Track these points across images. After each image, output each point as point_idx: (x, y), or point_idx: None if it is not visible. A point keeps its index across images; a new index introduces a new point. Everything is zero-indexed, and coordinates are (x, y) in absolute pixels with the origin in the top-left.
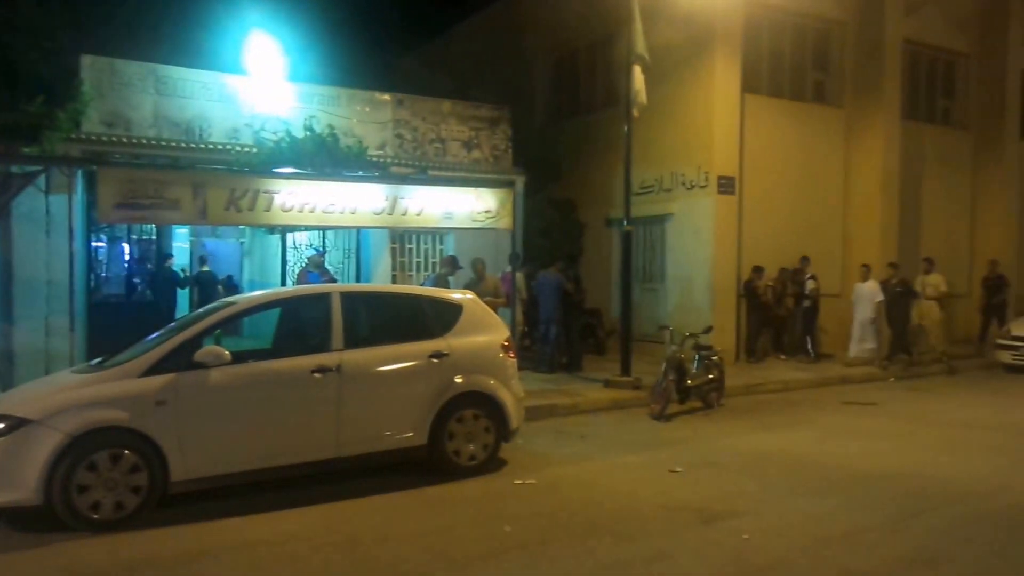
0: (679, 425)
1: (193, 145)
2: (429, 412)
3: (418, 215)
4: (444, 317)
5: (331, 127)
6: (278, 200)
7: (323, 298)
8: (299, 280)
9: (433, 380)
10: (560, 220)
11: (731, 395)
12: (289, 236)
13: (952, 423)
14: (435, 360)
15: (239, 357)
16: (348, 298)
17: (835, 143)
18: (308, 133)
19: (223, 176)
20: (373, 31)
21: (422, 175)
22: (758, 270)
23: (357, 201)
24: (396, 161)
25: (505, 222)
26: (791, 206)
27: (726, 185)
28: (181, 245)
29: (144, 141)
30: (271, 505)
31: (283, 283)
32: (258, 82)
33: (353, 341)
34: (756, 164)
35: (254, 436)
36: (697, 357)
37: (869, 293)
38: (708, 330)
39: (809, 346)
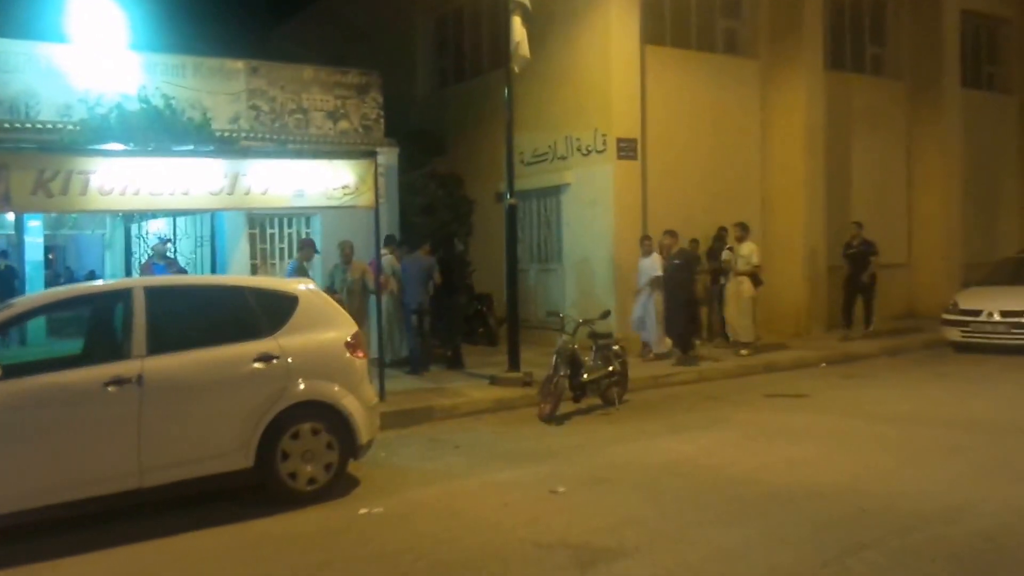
0: (572, 428)
1: (19, 124)
2: (255, 428)
3: (263, 194)
4: (275, 312)
5: (167, 97)
6: (95, 182)
7: (122, 295)
8: (143, 273)
9: (260, 389)
10: (445, 196)
11: (637, 389)
12: (141, 224)
13: (896, 417)
14: (261, 365)
15: (12, 371)
16: (154, 294)
17: (750, 98)
18: (143, 105)
19: (29, 156)
20: (240, 4)
21: (266, 148)
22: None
23: (190, 181)
24: (250, 135)
25: (366, 199)
26: (703, 170)
27: (626, 149)
28: (33, 240)
29: None
30: (54, 551)
31: (128, 277)
32: (92, 52)
33: (159, 345)
34: (661, 125)
35: (32, 467)
36: (594, 347)
37: (649, 269)
38: (605, 315)
39: (727, 330)
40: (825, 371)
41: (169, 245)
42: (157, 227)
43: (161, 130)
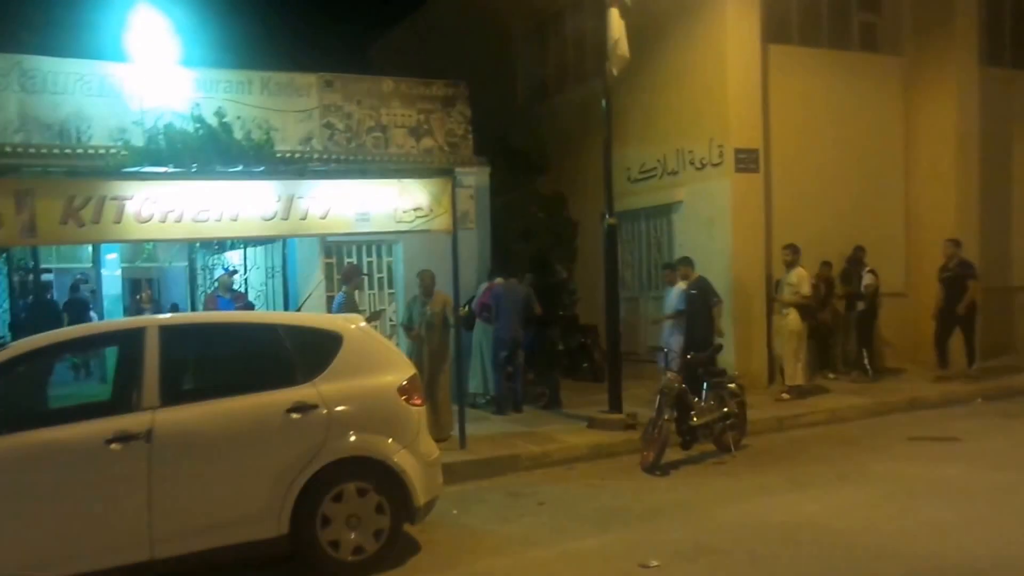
0: (678, 481)
1: (69, 150)
2: (289, 489)
3: (323, 219)
4: (315, 354)
5: (220, 115)
6: (131, 208)
7: (132, 336)
8: (206, 307)
9: (295, 444)
10: (546, 219)
11: (757, 432)
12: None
13: None
14: (297, 415)
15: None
16: (171, 334)
17: (892, 100)
18: (196, 125)
19: (56, 182)
20: (332, 20)
21: (324, 168)
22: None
23: (239, 205)
24: (322, 156)
25: (441, 222)
26: (836, 183)
27: (746, 160)
28: (110, 273)
29: (8, 149)
30: None
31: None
32: (149, 71)
33: (174, 395)
34: (787, 132)
35: (19, 539)
36: (705, 386)
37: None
38: (717, 349)
39: (866, 360)
40: (981, 408)
41: (236, 276)
42: (230, 257)
43: (214, 152)
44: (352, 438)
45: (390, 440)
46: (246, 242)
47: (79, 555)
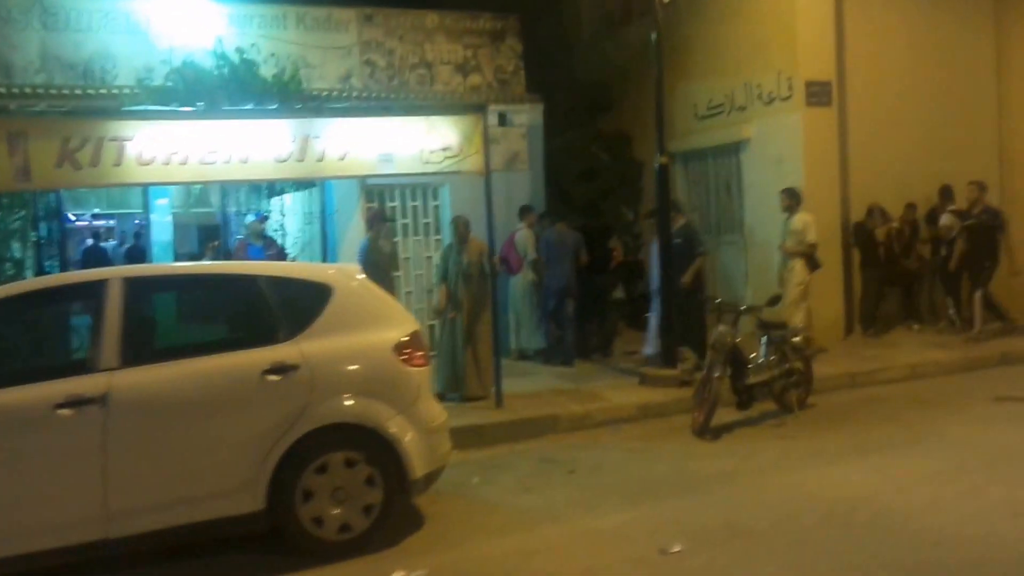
0: (728, 446)
1: (92, 91)
2: (266, 460)
3: (341, 160)
4: (299, 308)
5: (241, 51)
6: (132, 150)
7: (92, 289)
8: (235, 255)
9: (272, 409)
10: (610, 159)
11: (827, 390)
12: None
13: None
14: (275, 377)
15: None
16: (136, 286)
17: (982, 25)
18: (218, 62)
19: (51, 121)
20: None
21: (342, 105)
22: (875, 209)
23: (250, 146)
24: (364, 94)
25: (473, 162)
26: (920, 119)
27: (818, 94)
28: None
29: (29, 90)
30: None
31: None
32: (178, 5)
33: (136, 355)
34: (865, 64)
35: None
36: (764, 340)
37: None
38: (774, 301)
39: (952, 311)
40: None
41: (266, 223)
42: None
43: (235, 90)
44: (339, 403)
45: (383, 405)
46: (296, 185)
47: (19, 534)
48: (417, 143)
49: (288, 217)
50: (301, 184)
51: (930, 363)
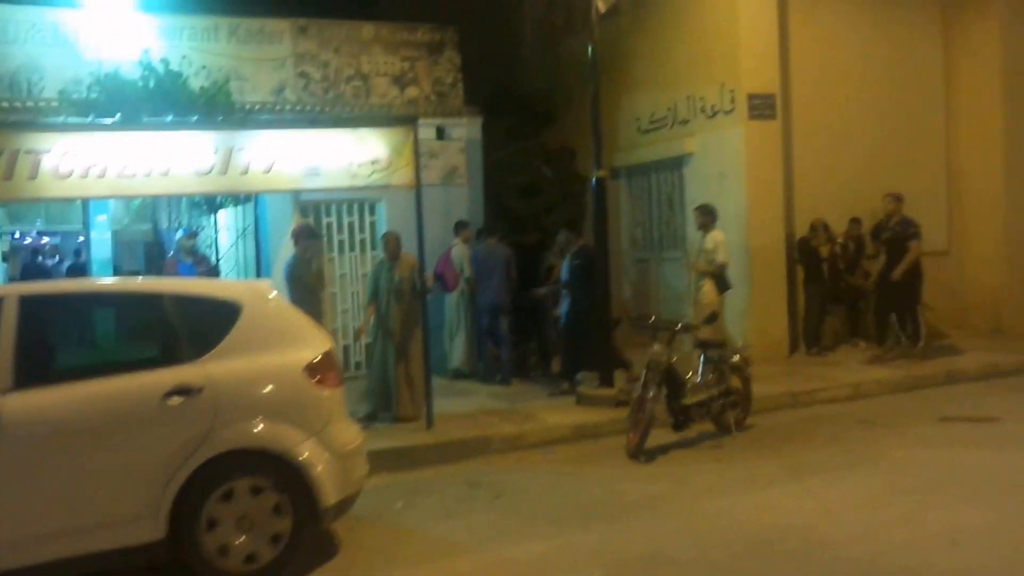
0: (661, 469)
1: (19, 104)
2: (167, 487)
3: (266, 173)
4: (206, 327)
5: (166, 62)
6: (47, 163)
7: None
8: (165, 272)
9: (173, 434)
10: (554, 174)
11: (768, 410)
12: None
13: None
14: (177, 400)
15: None
16: (32, 305)
17: (929, 37)
18: (143, 73)
19: None
20: None
21: (267, 117)
22: (819, 225)
23: (172, 159)
24: (298, 107)
25: (402, 176)
26: (867, 131)
27: (760, 107)
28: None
29: None
30: None
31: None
32: (106, 17)
33: (30, 376)
34: (811, 76)
35: None
36: (702, 359)
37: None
38: (711, 319)
39: (898, 328)
40: None
41: (196, 239)
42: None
43: (160, 102)
44: (245, 427)
45: (293, 428)
46: (233, 200)
47: None
48: (345, 156)
49: (224, 233)
50: (236, 199)
51: (873, 382)
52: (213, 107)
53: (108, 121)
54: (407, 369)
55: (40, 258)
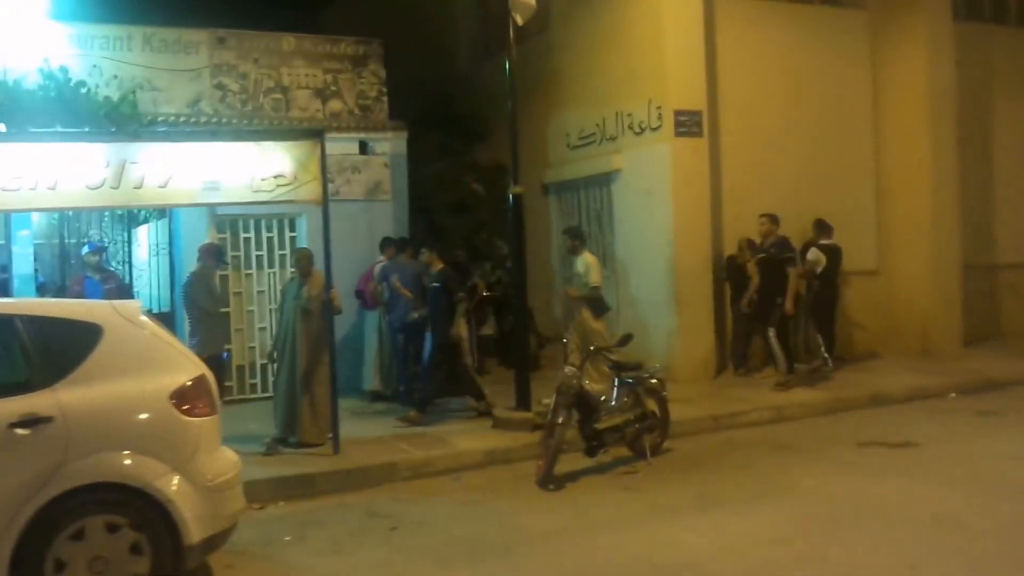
0: (568, 498)
1: None
2: (10, 525)
3: (162, 188)
4: (61, 351)
5: (65, 70)
6: None
7: None
8: (71, 290)
9: (18, 467)
10: (485, 191)
11: (688, 434)
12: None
13: None
14: (24, 431)
15: None
16: None
17: (857, 58)
18: (45, 82)
19: None
20: None
21: (162, 130)
22: (745, 243)
23: (59, 172)
24: (211, 120)
25: (308, 191)
26: (797, 150)
27: (687, 124)
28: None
29: None
30: None
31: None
32: (12, 24)
33: None
34: (740, 93)
35: None
36: (616, 383)
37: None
38: (625, 340)
39: (823, 349)
40: (953, 404)
41: (103, 255)
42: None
43: (58, 112)
44: (100, 459)
45: (154, 460)
46: (155, 214)
47: None
48: (247, 170)
49: (141, 248)
50: (157, 213)
51: (796, 404)
52: (116, 118)
53: None
54: (311, 392)
55: None
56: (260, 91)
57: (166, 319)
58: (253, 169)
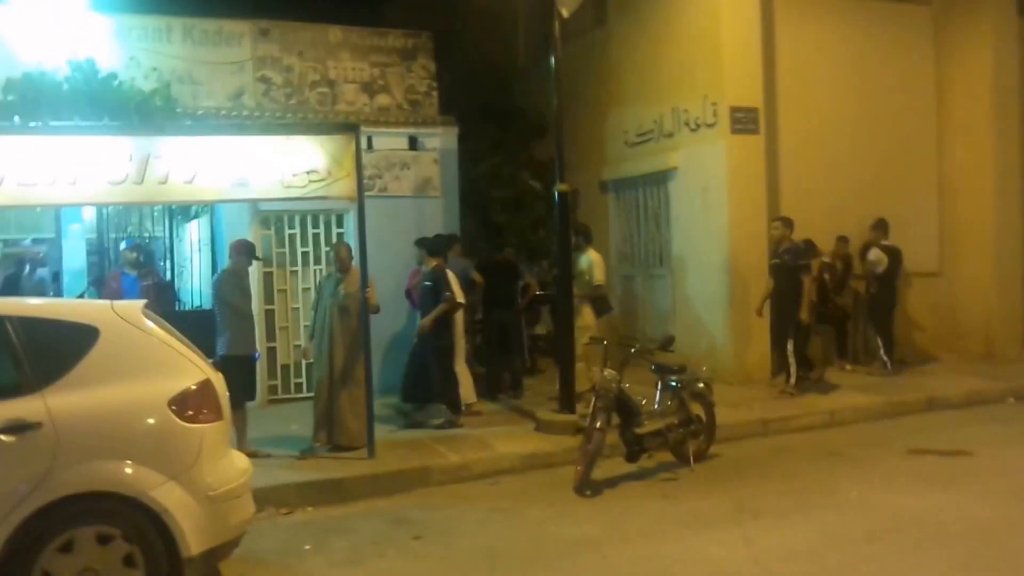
0: (604, 506)
1: None
2: None
3: (188, 183)
4: (54, 354)
5: (92, 61)
6: None
7: None
8: (107, 286)
9: (5, 475)
10: (543, 188)
11: (738, 437)
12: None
13: None
14: (9, 438)
15: None
16: None
17: (920, 54)
18: (74, 74)
19: None
20: None
21: (189, 123)
22: (804, 244)
23: (80, 167)
24: (256, 115)
25: (342, 187)
26: (857, 148)
27: (744, 120)
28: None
29: None
30: None
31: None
32: (46, 16)
33: None
34: (798, 90)
35: None
36: (660, 386)
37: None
38: (667, 343)
39: (883, 351)
40: (1011, 411)
41: (140, 251)
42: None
43: (85, 104)
44: (91, 467)
45: (150, 469)
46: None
47: None
48: (277, 166)
49: (186, 244)
50: (202, 209)
51: (850, 408)
52: (147, 111)
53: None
54: (350, 392)
55: (27, 269)
56: (305, 85)
57: (207, 316)
58: (284, 164)
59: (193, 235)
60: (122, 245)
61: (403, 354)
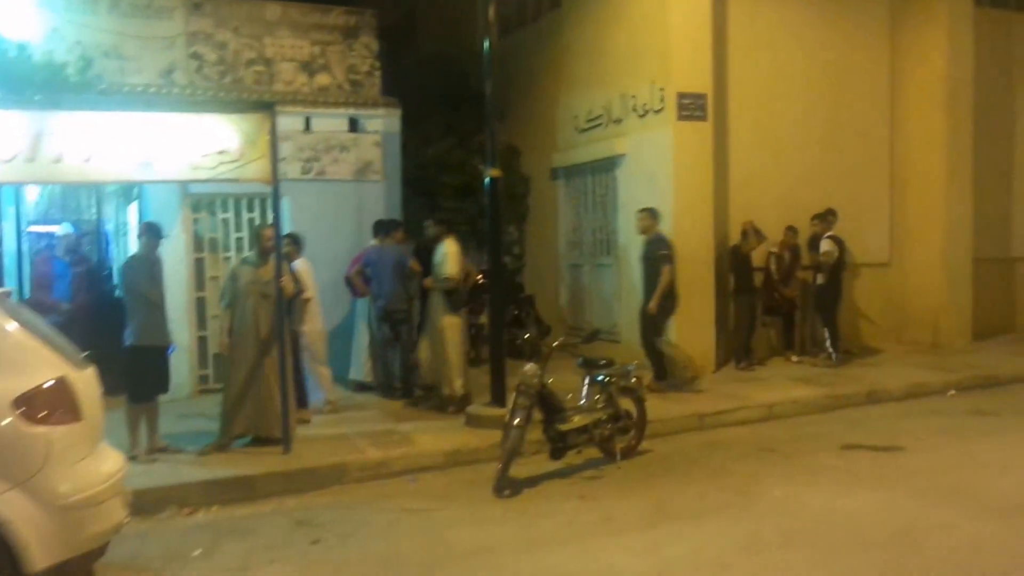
0: (517, 507)
1: None
2: None
3: (85, 163)
4: None
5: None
6: None
7: None
8: (36, 270)
9: None
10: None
11: (673, 432)
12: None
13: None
14: None
15: None
16: None
17: (875, 42)
18: None
19: None
20: None
21: (86, 97)
22: (750, 229)
23: None
24: (188, 94)
25: (256, 169)
26: (809, 136)
27: (691, 107)
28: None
29: None
30: None
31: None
32: None
33: None
34: (749, 76)
35: None
36: (587, 380)
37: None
38: (592, 337)
39: (828, 343)
40: (951, 403)
41: (74, 237)
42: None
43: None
44: None
45: None
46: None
47: None
48: (185, 145)
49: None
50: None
51: (789, 401)
52: (57, 86)
53: None
54: (269, 385)
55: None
56: (240, 62)
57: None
58: (192, 144)
59: (133, 219)
60: (58, 230)
61: (346, 344)
